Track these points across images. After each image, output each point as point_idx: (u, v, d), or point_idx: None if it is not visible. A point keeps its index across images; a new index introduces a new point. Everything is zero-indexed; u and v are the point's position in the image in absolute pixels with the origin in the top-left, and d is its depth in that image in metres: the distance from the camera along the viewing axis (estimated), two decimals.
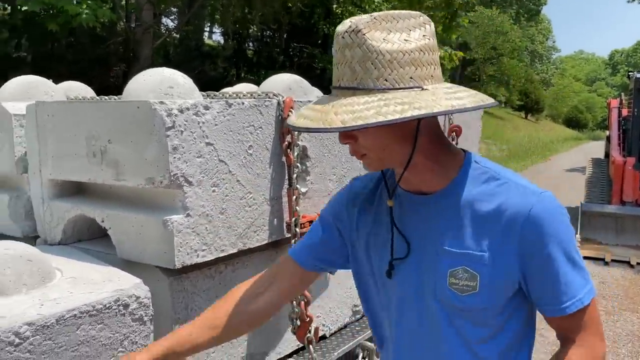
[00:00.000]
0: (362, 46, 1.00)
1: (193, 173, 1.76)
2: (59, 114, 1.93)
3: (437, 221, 1.13)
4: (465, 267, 1.09)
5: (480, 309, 1.10)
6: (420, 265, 1.14)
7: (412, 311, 1.17)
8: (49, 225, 2.05)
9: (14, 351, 1.29)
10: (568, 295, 1.08)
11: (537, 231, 1.05)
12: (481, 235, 1.08)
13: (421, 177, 1.13)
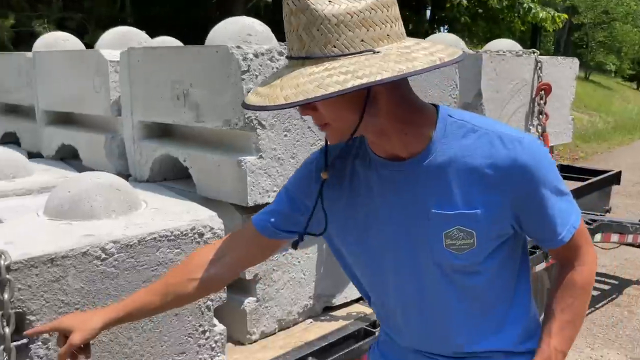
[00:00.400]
0: (306, 11, 0.92)
1: (266, 117, 1.83)
2: (147, 59, 2.07)
3: (422, 185, 1.08)
4: (460, 227, 1.06)
5: (480, 261, 1.10)
6: (411, 231, 1.10)
7: (411, 278, 1.15)
8: (139, 164, 2.23)
9: (100, 264, 1.45)
10: (563, 226, 1.10)
11: (527, 179, 1.04)
12: (470, 193, 1.05)
13: (395, 143, 1.07)
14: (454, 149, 1.06)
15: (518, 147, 1.04)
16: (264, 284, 1.98)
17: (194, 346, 1.67)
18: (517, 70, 2.97)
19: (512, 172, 1.03)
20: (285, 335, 2.05)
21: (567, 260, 1.18)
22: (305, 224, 1.19)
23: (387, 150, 1.09)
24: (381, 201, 1.12)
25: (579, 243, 1.15)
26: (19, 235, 1.48)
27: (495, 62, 2.82)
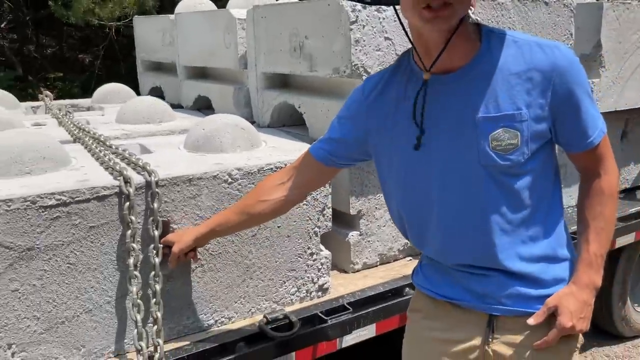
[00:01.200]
0: None
1: (372, 65, 1.99)
2: (269, 15, 2.31)
3: (470, 93, 1.17)
4: (505, 128, 1.15)
5: (523, 161, 1.17)
6: (459, 139, 1.18)
7: (458, 188, 1.21)
8: (261, 111, 2.51)
9: (227, 187, 1.74)
10: (594, 129, 1.21)
11: (565, 79, 1.15)
12: (514, 95, 1.15)
13: (455, 47, 1.16)
14: (499, 58, 1.16)
15: (556, 52, 1.16)
16: (367, 220, 2.17)
17: (302, 265, 1.92)
18: None
19: (552, 73, 1.14)
20: (386, 268, 2.24)
21: (592, 170, 1.26)
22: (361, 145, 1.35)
23: (443, 61, 1.17)
24: (430, 114, 1.21)
25: (603, 151, 1.24)
26: (165, 162, 1.81)
27: (619, 11, 2.69)
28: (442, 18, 1.09)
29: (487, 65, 1.17)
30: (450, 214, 1.24)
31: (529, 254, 1.23)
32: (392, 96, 1.28)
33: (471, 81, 1.18)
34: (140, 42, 3.79)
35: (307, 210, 1.90)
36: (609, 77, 2.76)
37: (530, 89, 1.15)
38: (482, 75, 1.17)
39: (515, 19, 2.28)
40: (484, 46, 1.18)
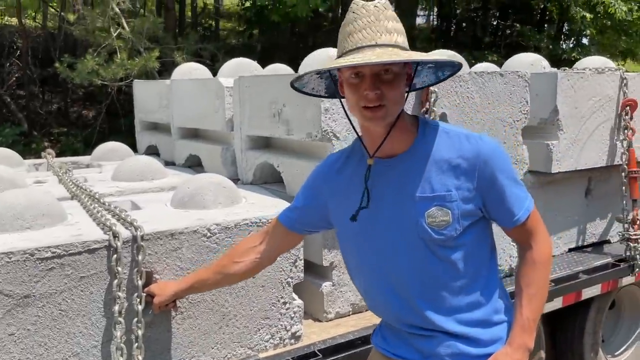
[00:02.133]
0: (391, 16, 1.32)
1: (340, 130, 2.23)
2: (253, 85, 2.57)
3: (408, 175, 1.38)
4: (438, 206, 1.35)
5: (456, 236, 1.36)
6: (399, 214, 1.38)
7: (400, 257, 1.40)
8: (245, 170, 2.73)
9: (206, 241, 1.93)
10: (519, 208, 1.39)
11: (488, 167, 1.35)
12: (445, 179, 1.35)
13: (395, 137, 1.37)
14: (432, 146, 1.38)
15: (480, 142, 1.37)
16: (339, 271, 2.35)
17: (276, 314, 2.09)
18: (599, 86, 3.06)
19: (477, 161, 1.35)
20: (358, 317, 2.40)
21: (524, 242, 1.45)
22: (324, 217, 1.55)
23: (385, 149, 1.39)
24: (375, 192, 1.41)
25: (532, 225, 1.42)
26: (151, 217, 2.01)
27: (573, 80, 2.95)
28: (378, 117, 1.31)
29: (422, 152, 1.38)
30: (395, 282, 1.42)
31: (468, 319, 1.40)
32: (347, 173, 1.49)
33: (410, 165, 1.38)
34: (138, 103, 4.07)
35: (280, 262, 2.09)
36: (567, 139, 2.99)
37: (459, 174, 1.35)
38: (418, 161, 1.38)
39: (473, 89, 2.54)
40: (420, 136, 1.40)
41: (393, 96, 1.31)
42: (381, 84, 1.29)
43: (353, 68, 1.29)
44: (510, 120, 2.69)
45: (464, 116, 2.54)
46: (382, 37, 1.30)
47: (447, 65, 1.43)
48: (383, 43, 1.29)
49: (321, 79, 1.51)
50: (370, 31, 1.30)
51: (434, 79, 1.52)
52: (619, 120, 3.15)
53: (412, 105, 2.40)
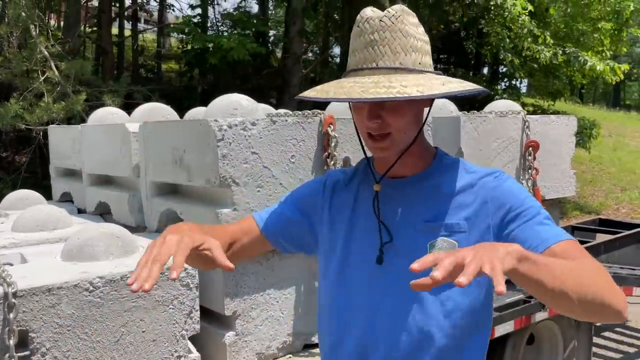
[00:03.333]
0: (402, 30, 1.11)
1: (240, 176, 2.21)
2: (156, 130, 2.53)
3: (415, 200, 1.20)
4: (444, 238, 1.15)
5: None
6: (404, 244, 1.17)
7: (393, 292, 1.18)
8: (150, 217, 2.66)
9: (88, 295, 1.84)
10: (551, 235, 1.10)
11: (501, 193, 1.15)
12: (455, 210, 1.17)
13: (407, 161, 1.20)
14: (446, 177, 1.21)
15: (497, 181, 1.18)
16: (243, 320, 2.29)
17: None
18: (502, 129, 3.19)
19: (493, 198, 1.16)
20: None
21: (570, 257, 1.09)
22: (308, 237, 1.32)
23: (395, 169, 1.21)
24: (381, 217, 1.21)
25: (575, 248, 1.09)
26: (33, 272, 1.91)
27: (476, 123, 3.07)
28: (382, 148, 1.15)
29: (432, 180, 1.21)
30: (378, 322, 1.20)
31: None
32: (349, 198, 1.29)
33: (419, 190, 1.21)
34: (53, 149, 3.95)
35: (173, 314, 2.02)
36: None
37: (470, 207, 1.16)
38: (428, 187, 1.21)
39: None
40: (435, 163, 1.23)
41: (398, 124, 1.13)
42: (383, 112, 1.13)
43: None
44: None
45: None
46: (384, 59, 1.11)
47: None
48: (385, 66, 1.11)
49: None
50: (372, 51, 1.12)
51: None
52: (523, 160, 3.27)
53: (315, 150, 2.42)
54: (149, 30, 13.42)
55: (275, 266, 2.38)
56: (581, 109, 24.38)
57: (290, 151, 2.34)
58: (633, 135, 23.94)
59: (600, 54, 13.49)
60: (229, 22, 10.93)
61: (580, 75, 12.12)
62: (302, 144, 2.38)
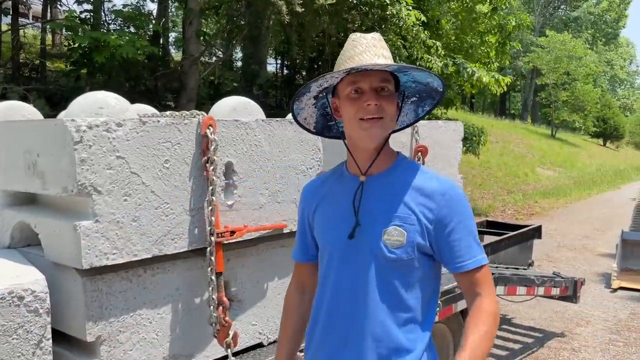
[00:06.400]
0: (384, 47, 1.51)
1: (103, 183, 1.96)
2: (6, 132, 2.20)
3: (378, 194, 1.49)
4: (396, 226, 1.43)
5: (406, 259, 1.43)
6: (362, 227, 1.47)
7: (351, 270, 1.48)
8: (1, 231, 2.31)
9: None
10: (469, 256, 1.45)
11: (449, 207, 1.44)
12: (409, 204, 1.45)
13: (379, 160, 1.51)
14: (405, 176, 1.49)
15: (449, 186, 1.48)
16: (109, 346, 2.03)
17: None
18: (396, 134, 3.16)
19: (442, 200, 1.44)
20: None
21: (471, 292, 1.47)
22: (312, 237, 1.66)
23: (362, 167, 1.51)
24: (348, 205, 1.51)
25: (481, 279, 1.46)
26: None
27: None
28: (376, 127, 1.43)
29: (395, 175, 1.50)
30: (339, 297, 1.51)
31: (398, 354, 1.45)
32: (328, 189, 1.62)
33: (380, 185, 1.50)
34: None
35: (18, 346, 1.73)
36: None
37: (422, 205, 1.44)
38: (390, 182, 1.49)
39: (261, 137, 2.43)
40: (396, 163, 1.54)
41: (390, 111, 1.45)
42: (380, 98, 1.43)
43: (353, 84, 1.44)
44: (303, 168, 2.62)
45: (253, 164, 2.41)
46: (380, 60, 1.46)
47: (428, 98, 1.59)
48: (382, 63, 1.45)
49: (315, 108, 1.63)
50: (369, 54, 1.45)
51: (413, 117, 1.67)
52: None
53: (193, 154, 2.21)
54: (30, 26, 12.36)
55: (147, 283, 2.14)
56: (471, 117, 25.94)
57: (163, 155, 2.12)
58: (517, 142, 25.84)
59: (487, 65, 14.37)
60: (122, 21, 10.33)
61: (469, 85, 12.81)
62: (178, 148, 2.17)
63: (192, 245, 2.22)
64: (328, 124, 1.69)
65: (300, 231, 1.70)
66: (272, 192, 2.49)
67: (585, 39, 46.24)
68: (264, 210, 2.46)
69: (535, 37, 41.99)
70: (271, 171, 2.49)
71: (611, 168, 27.63)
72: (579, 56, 36.21)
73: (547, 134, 35.84)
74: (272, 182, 2.49)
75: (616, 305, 6.05)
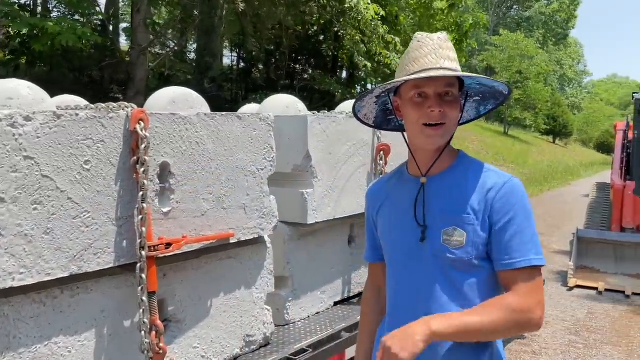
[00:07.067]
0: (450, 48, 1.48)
1: (6, 189, 1.62)
2: None
3: (437, 194, 1.48)
4: (455, 227, 1.42)
5: (466, 259, 1.42)
6: (423, 229, 1.48)
7: (414, 269, 1.50)
8: None
9: None
10: (520, 254, 1.39)
11: (505, 198, 1.41)
12: (468, 204, 1.43)
13: (441, 161, 1.51)
14: (465, 174, 1.48)
15: (508, 179, 1.45)
16: None
17: None
18: (353, 131, 2.92)
19: (499, 192, 1.42)
20: None
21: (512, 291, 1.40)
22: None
23: (423, 169, 1.53)
24: (409, 206, 1.52)
25: (529, 281, 1.38)
26: None
27: (325, 124, 2.75)
28: (439, 135, 1.44)
29: (456, 174, 1.49)
30: (410, 294, 1.52)
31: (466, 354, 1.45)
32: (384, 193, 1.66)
33: (441, 185, 1.49)
34: None
35: None
36: (323, 186, 2.76)
37: (479, 201, 1.43)
38: (449, 183, 1.49)
39: (203, 134, 2.13)
40: (457, 162, 1.53)
41: (453, 116, 1.45)
42: (444, 104, 1.42)
43: (417, 87, 1.43)
44: (254, 169, 2.34)
45: (193, 165, 2.11)
46: (446, 63, 1.43)
47: (491, 98, 1.59)
48: (447, 67, 1.43)
49: (376, 105, 1.63)
50: (435, 56, 1.43)
51: (474, 114, 1.67)
52: (374, 165, 3.04)
53: (120, 154, 1.89)
54: None
55: (65, 306, 1.81)
56: None
57: (83, 155, 1.79)
58: (472, 139, 26.23)
59: None
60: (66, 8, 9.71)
61: None
62: (102, 146, 1.84)
63: (119, 261, 1.90)
64: (387, 118, 1.70)
65: (368, 232, 1.75)
66: (216, 197, 2.19)
67: (536, 38, 47.57)
68: (207, 217, 2.16)
69: (490, 36, 42.87)
70: (216, 173, 2.19)
71: (561, 165, 28.45)
72: (531, 55, 37.18)
73: (500, 131, 36.65)
74: (217, 186, 2.19)
75: (574, 305, 6.04)
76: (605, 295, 6.33)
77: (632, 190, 7.33)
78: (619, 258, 7.01)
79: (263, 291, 2.47)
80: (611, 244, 7.00)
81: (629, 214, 7.28)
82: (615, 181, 7.72)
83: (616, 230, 7.41)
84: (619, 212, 7.42)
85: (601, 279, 6.76)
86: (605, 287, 6.45)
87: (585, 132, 56.19)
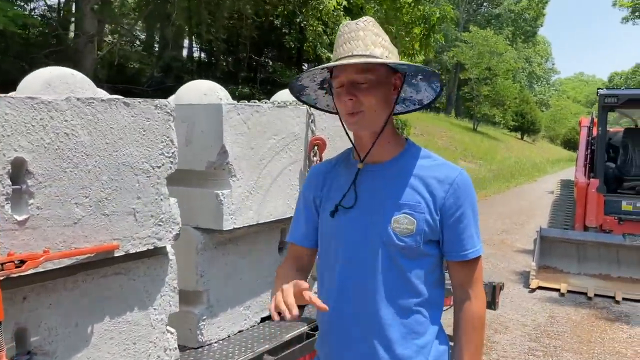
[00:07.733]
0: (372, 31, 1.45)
1: None
2: None
3: (386, 182, 1.48)
4: (405, 214, 1.44)
5: (414, 247, 1.43)
6: (370, 215, 1.47)
7: (359, 252, 1.47)
8: None
9: None
10: (470, 245, 1.48)
11: (457, 194, 1.45)
12: (418, 193, 1.45)
13: (382, 147, 1.50)
14: (415, 164, 1.50)
15: (458, 173, 1.48)
16: None
17: None
18: (281, 123, 2.55)
19: (450, 187, 1.45)
20: None
21: (464, 286, 1.50)
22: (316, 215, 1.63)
23: (372, 155, 1.52)
24: (354, 186, 1.51)
25: (476, 272, 1.50)
26: None
27: (246, 114, 2.37)
28: (355, 123, 1.46)
29: (404, 163, 1.50)
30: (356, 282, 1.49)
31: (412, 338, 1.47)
32: (337, 174, 1.61)
33: (390, 174, 1.50)
34: None
35: None
36: (243, 187, 2.38)
37: (431, 192, 1.45)
38: (399, 171, 1.49)
39: (76, 124, 1.72)
40: (405, 151, 1.53)
41: (369, 103, 1.42)
42: (357, 91, 1.41)
43: (336, 78, 1.44)
44: (147, 167, 1.94)
45: (62, 162, 1.70)
46: (358, 49, 1.41)
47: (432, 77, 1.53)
48: (358, 54, 1.41)
49: (325, 94, 1.65)
50: (349, 45, 1.43)
51: (433, 93, 1.60)
52: (307, 161, 2.67)
53: None
54: None
55: None
56: None
57: None
58: (440, 135, 26.20)
59: (412, 57, 14.15)
60: None
61: None
62: None
63: None
64: None
65: (305, 215, 1.66)
66: (94, 201, 1.79)
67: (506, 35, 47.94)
68: (80, 226, 1.75)
69: (460, 32, 43.02)
70: (93, 171, 1.78)
71: (528, 161, 28.66)
72: (500, 52, 37.40)
73: (469, 127, 36.82)
74: (95, 187, 1.79)
75: (535, 307, 5.80)
76: (568, 297, 6.11)
77: (596, 188, 7.15)
78: (582, 258, 6.82)
79: (164, 311, 2.08)
80: (574, 244, 6.81)
81: (592, 213, 7.10)
82: (579, 179, 7.54)
83: (579, 229, 7.23)
84: (582, 210, 7.23)
85: (564, 279, 6.55)
86: (568, 289, 6.24)
87: (553, 129, 57.12)
